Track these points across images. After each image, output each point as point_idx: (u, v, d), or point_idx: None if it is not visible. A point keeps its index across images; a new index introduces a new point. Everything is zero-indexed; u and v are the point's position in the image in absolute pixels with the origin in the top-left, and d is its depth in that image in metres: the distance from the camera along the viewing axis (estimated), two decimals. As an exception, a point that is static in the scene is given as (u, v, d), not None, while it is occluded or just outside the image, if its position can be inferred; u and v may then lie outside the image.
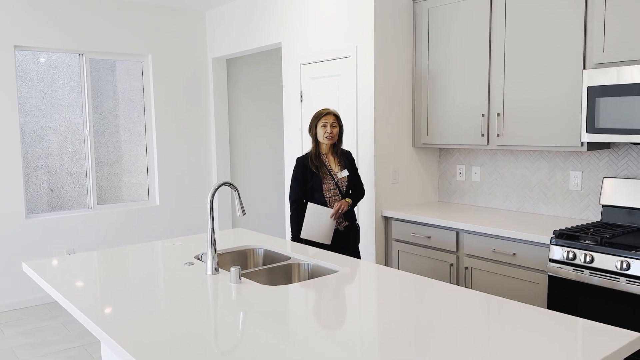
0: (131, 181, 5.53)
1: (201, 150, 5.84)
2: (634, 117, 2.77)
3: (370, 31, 3.83)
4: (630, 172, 3.22)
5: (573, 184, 3.47)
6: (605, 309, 2.70)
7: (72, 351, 3.88)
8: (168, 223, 5.64)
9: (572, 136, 3.14)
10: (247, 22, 5.11)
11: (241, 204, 2.46)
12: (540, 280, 3.03)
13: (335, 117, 3.31)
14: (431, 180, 4.29)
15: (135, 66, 5.47)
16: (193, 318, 1.82)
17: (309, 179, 3.28)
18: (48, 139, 5.02)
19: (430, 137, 3.97)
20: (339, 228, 3.33)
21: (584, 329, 1.68)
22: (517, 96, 3.40)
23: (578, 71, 3.09)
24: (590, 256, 2.74)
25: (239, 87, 6.06)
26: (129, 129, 5.48)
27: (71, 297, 2.08)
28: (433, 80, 3.92)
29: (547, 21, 3.21)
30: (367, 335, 1.67)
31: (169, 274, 2.40)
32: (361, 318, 1.83)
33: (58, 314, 4.63)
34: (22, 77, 4.86)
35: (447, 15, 3.78)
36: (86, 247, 5.15)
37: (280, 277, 2.55)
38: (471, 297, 2.00)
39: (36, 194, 4.99)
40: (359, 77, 3.95)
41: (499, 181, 3.90)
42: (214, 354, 1.53)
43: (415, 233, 3.71)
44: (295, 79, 4.55)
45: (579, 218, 3.46)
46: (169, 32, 5.53)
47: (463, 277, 3.44)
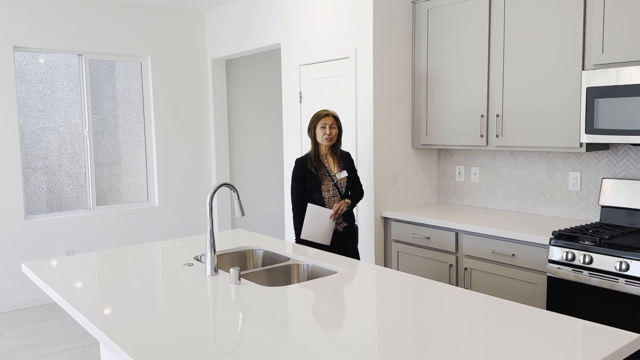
0: (130, 182, 5.53)
1: (200, 151, 5.84)
2: (632, 118, 2.78)
3: (370, 32, 3.83)
4: (629, 173, 3.22)
5: (572, 184, 3.47)
6: (604, 309, 2.71)
7: (71, 352, 3.88)
8: (167, 224, 5.63)
9: (571, 137, 3.14)
10: (246, 23, 5.11)
11: (240, 204, 2.46)
12: (539, 281, 3.03)
13: (334, 118, 3.31)
14: (430, 181, 4.29)
15: (135, 67, 5.47)
16: (192, 319, 1.82)
17: (308, 180, 3.28)
18: (47, 139, 5.02)
19: (430, 138, 3.98)
20: (338, 229, 3.33)
21: (583, 329, 1.69)
22: (516, 97, 3.41)
23: (577, 72, 3.09)
24: (589, 257, 2.74)
25: (238, 87, 6.06)
26: (128, 129, 5.48)
27: (70, 298, 2.08)
28: (432, 81, 3.92)
29: (546, 22, 3.22)
30: (367, 336, 1.67)
31: (168, 275, 2.40)
32: (361, 319, 1.83)
33: (57, 315, 4.62)
34: (22, 78, 4.86)
35: (446, 16, 3.78)
36: (85, 248, 5.14)
37: (279, 278, 2.55)
38: (470, 298, 2.00)
39: (35, 194, 4.99)
40: (358, 78, 3.95)
41: (498, 182, 3.91)
42: (213, 355, 1.53)
43: (415, 234, 3.71)
44: (295, 80, 4.55)
45: (578, 219, 3.46)
46: (168, 33, 5.53)
47: (462, 278, 3.44)
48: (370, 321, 1.81)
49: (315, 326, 1.75)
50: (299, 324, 1.78)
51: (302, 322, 1.80)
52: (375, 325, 1.77)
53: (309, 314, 1.88)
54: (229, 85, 5.98)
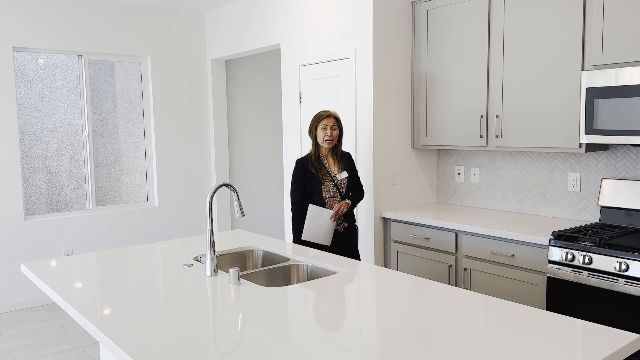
0: (130, 182, 5.53)
1: (200, 152, 5.84)
2: (632, 119, 2.78)
3: (369, 32, 3.84)
4: (628, 174, 3.22)
5: (572, 185, 3.48)
6: (603, 310, 2.71)
7: (71, 353, 3.87)
8: (167, 224, 5.63)
9: (571, 137, 3.14)
10: (245, 24, 5.12)
11: (240, 205, 2.46)
12: (539, 282, 3.03)
13: (335, 119, 3.31)
14: (430, 182, 4.29)
15: (134, 67, 5.47)
16: (192, 319, 1.82)
17: (309, 180, 3.28)
18: (47, 140, 5.02)
19: (429, 138, 3.98)
20: (339, 229, 3.33)
21: (583, 330, 1.69)
22: (516, 98, 3.41)
23: (577, 73, 3.09)
24: (588, 257, 2.74)
25: (237, 88, 6.06)
26: (128, 130, 5.48)
27: (70, 298, 2.07)
28: (432, 82, 3.92)
29: (546, 23, 3.22)
30: (366, 336, 1.67)
31: (167, 275, 2.40)
32: (360, 319, 1.83)
33: (57, 316, 4.62)
34: (21, 79, 4.86)
35: (446, 16, 3.78)
36: (85, 249, 5.14)
37: (279, 279, 2.55)
38: (470, 299, 2.00)
39: (35, 195, 4.99)
40: (358, 78, 3.95)
41: (498, 182, 3.91)
42: (212, 355, 1.53)
43: (414, 234, 3.71)
44: (294, 81, 4.55)
45: (578, 219, 3.46)
46: (167, 34, 5.53)
47: (462, 279, 3.44)
48: (369, 321, 1.81)
49: (314, 326, 1.75)
50: (299, 325, 1.78)
51: (301, 322, 1.80)
52: (374, 325, 1.77)
53: (309, 314, 1.88)
54: (229, 86, 5.98)
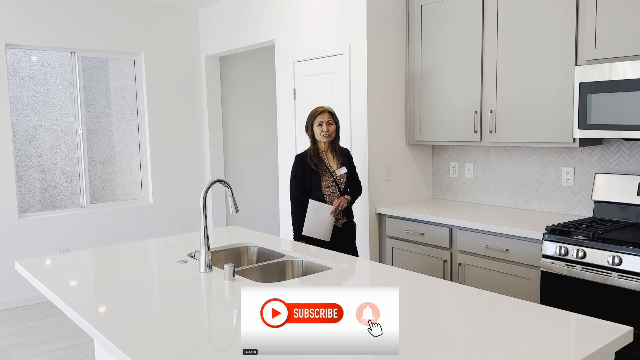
0: (124, 180, 5.51)
1: (194, 149, 5.83)
2: (625, 113, 2.79)
3: (363, 28, 3.83)
4: (621, 168, 3.24)
5: (565, 180, 3.49)
6: (597, 303, 2.72)
7: (66, 350, 3.87)
8: (161, 221, 5.62)
9: (564, 132, 3.15)
10: (239, 20, 5.10)
11: (234, 201, 2.46)
12: (533, 276, 3.05)
13: (330, 114, 3.31)
14: (424, 177, 4.29)
15: (128, 64, 5.45)
16: (186, 316, 1.82)
17: (308, 176, 3.28)
18: (40, 137, 5.00)
19: (424, 134, 3.98)
20: (337, 225, 3.32)
21: (576, 323, 1.70)
22: (510, 93, 3.42)
23: (570, 67, 3.10)
24: (582, 251, 2.75)
25: (232, 84, 6.05)
26: (122, 127, 5.46)
27: (64, 296, 2.07)
28: (426, 77, 3.93)
29: (540, 18, 3.22)
30: (361, 331, 1.67)
31: (162, 272, 2.40)
32: (355, 314, 1.83)
33: (51, 313, 4.61)
34: (14, 76, 4.83)
35: (439, 12, 3.78)
36: (79, 246, 5.12)
37: (274, 275, 2.55)
38: (464, 293, 2.00)
39: (29, 193, 4.97)
40: (352, 74, 3.95)
41: (492, 177, 3.92)
42: (207, 351, 1.53)
43: (409, 230, 3.72)
44: (289, 77, 4.55)
45: (572, 214, 3.48)
46: (161, 30, 5.51)
47: (456, 273, 3.45)
48: (364, 316, 1.81)
49: (309, 322, 1.75)
50: (294, 320, 1.78)
51: (296, 317, 1.80)
52: (369, 320, 1.77)
53: (304, 309, 1.88)
54: (223, 82, 5.97)
